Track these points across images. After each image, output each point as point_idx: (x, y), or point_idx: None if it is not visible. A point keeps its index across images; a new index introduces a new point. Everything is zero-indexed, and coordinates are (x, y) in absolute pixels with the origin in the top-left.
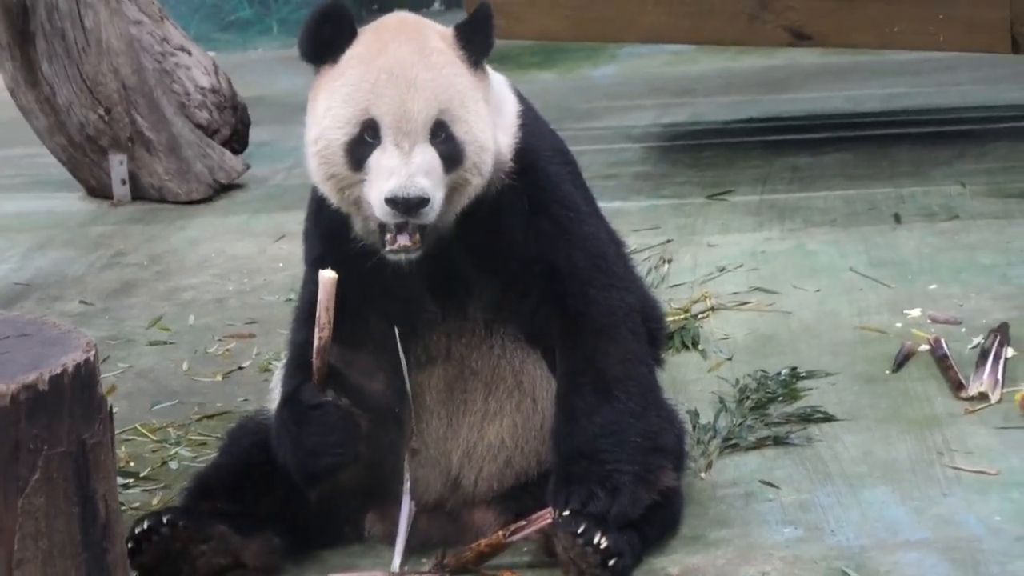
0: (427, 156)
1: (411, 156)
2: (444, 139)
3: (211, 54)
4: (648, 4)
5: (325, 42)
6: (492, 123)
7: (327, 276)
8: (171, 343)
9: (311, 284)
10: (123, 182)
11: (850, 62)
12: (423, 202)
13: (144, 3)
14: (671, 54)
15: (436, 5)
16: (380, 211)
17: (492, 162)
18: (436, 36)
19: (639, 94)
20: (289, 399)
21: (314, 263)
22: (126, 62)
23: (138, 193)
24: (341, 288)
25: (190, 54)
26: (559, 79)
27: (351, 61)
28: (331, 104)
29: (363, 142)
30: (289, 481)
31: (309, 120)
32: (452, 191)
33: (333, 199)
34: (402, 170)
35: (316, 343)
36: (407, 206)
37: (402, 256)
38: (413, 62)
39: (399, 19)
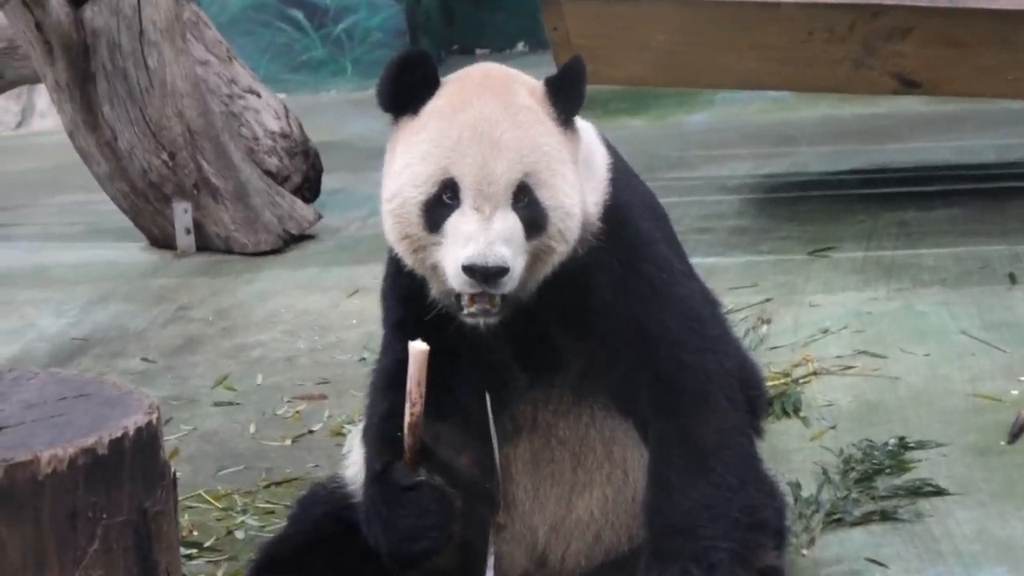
0: (508, 222)
1: (491, 222)
2: (527, 204)
3: (281, 96)
4: (745, 48)
5: (405, 92)
6: (579, 185)
7: (418, 348)
8: (237, 404)
9: (391, 350)
10: (187, 231)
11: (961, 110)
12: (502, 271)
13: (211, 42)
14: (769, 101)
15: (520, 47)
16: (456, 279)
17: (578, 228)
18: (524, 91)
19: (735, 143)
20: (379, 479)
21: (394, 328)
22: (192, 104)
23: (203, 243)
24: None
25: (259, 96)
26: (650, 126)
27: (432, 115)
28: (410, 160)
29: (441, 203)
30: (362, 555)
31: (386, 175)
32: (534, 259)
33: (407, 260)
34: (481, 236)
35: (408, 419)
36: (485, 275)
37: (480, 320)
38: (499, 119)
39: (485, 71)
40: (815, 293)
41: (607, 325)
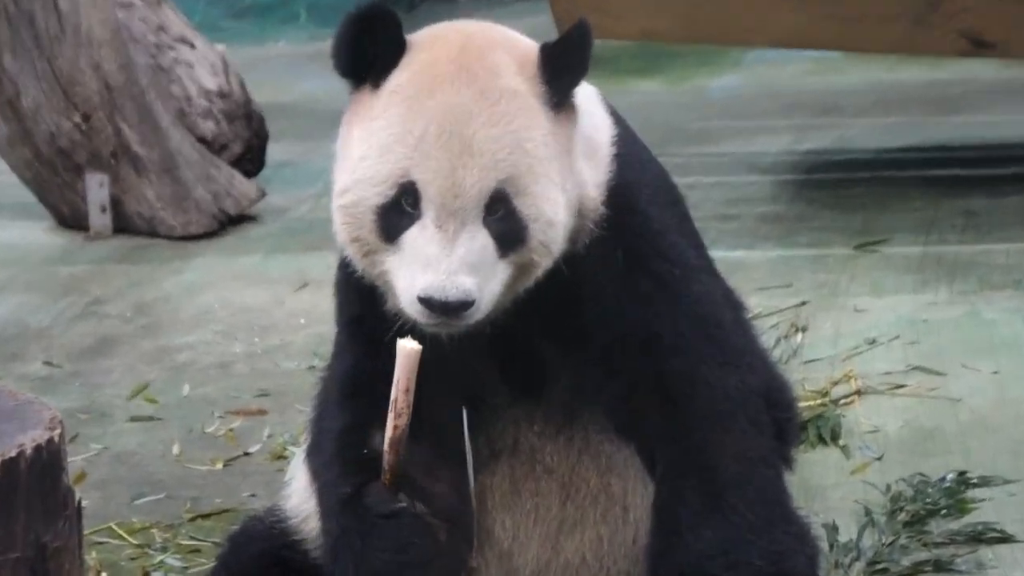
0: (476, 244)
1: (455, 244)
2: (502, 215)
3: (220, 47)
4: (784, 1)
5: (365, 58)
6: (571, 183)
7: (409, 348)
8: (159, 419)
9: (348, 353)
10: (103, 209)
11: None
12: (464, 305)
13: None
14: (811, 62)
15: None
16: (411, 308)
17: (563, 238)
18: (511, 66)
19: (768, 112)
20: (349, 505)
21: (350, 326)
22: (111, 56)
23: (122, 224)
24: (386, 361)
25: (193, 47)
26: (666, 91)
27: (395, 95)
28: (366, 152)
29: (399, 209)
30: None
31: (339, 161)
32: (512, 275)
33: (358, 265)
34: (441, 264)
35: (390, 432)
36: (444, 309)
37: (443, 331)
38: (473, 113)
39: (464, 34)
40: (861, 296)
41: (607, 330)
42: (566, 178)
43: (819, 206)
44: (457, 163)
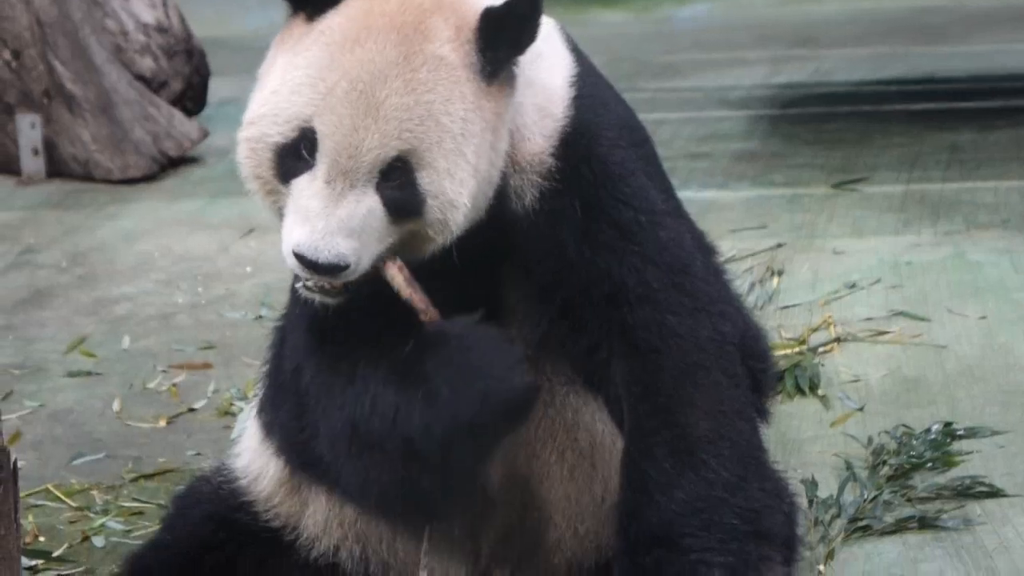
0: (360, 207)
1: (339, 204)
2: (399, 185)
3: None
4: None
5: None
6: (487, 163)
7: (391, 266)
8: (97, 374)
9: (302, 304)
10: (35, 152)
11: None
12: (337, 268)
13: None
14: None
15: None
16: (288, 258)
17: (463, 220)
18: (445, 30)
19: (742, 43)
20: (430, 341)
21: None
22: None
23: (56, 168)
24: (351, 304)
25: None
26: (632, 21)
27: (323, 36)
28: (279, 86)
29: (296, 153)
30: (257, 568)
31: (257, 88)
32: (403, 244)
33: (259, 200)
34: (319, 222)
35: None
36: (315, 268)
37: (316, 297)
38: (389, 75)
39: None
40: (840, 237)
41: (570, 283)
42: (483, 158)
43: (796, 142)
44: (360, 123)
